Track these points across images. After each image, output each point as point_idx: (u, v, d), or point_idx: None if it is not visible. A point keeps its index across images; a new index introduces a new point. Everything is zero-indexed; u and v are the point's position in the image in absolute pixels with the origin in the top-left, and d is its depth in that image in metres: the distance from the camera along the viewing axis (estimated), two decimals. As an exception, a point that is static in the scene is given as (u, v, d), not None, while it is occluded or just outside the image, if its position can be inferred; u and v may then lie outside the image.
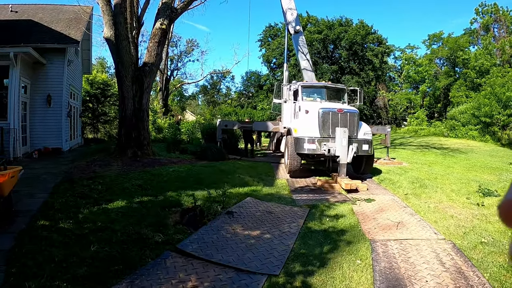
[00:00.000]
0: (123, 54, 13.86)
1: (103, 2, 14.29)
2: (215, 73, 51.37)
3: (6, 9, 20.09)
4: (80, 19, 19.39)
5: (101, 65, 43.91)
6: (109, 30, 14.23)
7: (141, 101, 14.53)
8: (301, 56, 19.50)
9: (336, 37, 47.31)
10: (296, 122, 13.70)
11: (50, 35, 17.80)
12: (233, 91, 64.60)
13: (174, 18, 15.68)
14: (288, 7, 19.72)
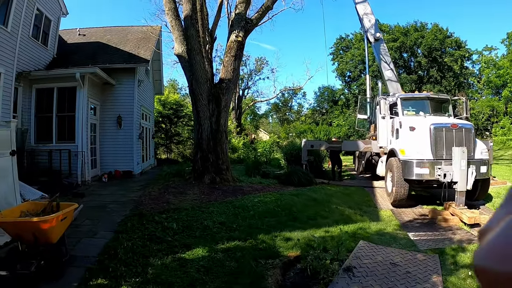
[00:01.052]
0: (197, 70, 12.58)
1: (172, 16, 13.27)
2: (286, 90, 50.09)
3: (74, 33, 20.21)
4: (149, 38, 18.81)
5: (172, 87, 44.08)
6: (180, 45, 13.14)
7: (218, 121, 13.14)
8: (384, 65, 17.30)
9: (413, 43, 44.40)
10: (400, 141, 11.58)
11: (118, 55, 17.40)
12: (305, 108, 62.64)
13: (250, 29, 14.24)
14: (364, 12, 17.79)
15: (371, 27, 17.67)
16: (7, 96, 11.97)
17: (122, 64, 16.50)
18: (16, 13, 12.30)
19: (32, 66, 14.74)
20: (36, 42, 15.12)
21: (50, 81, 14.49)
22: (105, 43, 18.77)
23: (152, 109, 22.56)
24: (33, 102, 14.48)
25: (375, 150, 15.03)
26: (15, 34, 12.31)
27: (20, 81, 13.82)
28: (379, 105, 13.33)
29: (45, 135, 14.38)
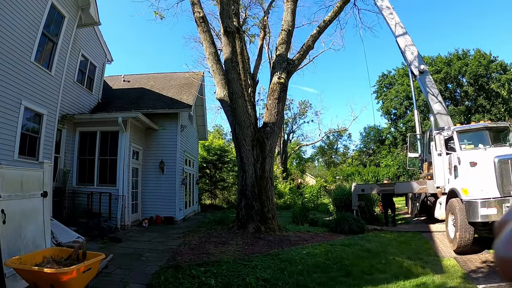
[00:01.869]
0: (240, 114, 12.19)
1: (213, 61, 13.15)
2: (331, 132, 49.31)
3: (119, 79, 20.87)
4: (191, 84, 18.95)
5: (217, 132, 44.37)
6: (222, 90, 12.92)
7: (263, 167, 12.58)
8: (432, 98, 16.28)
9: (458, 72, 42.68)
10: (461, 179, 10.46)
11: (161, 101, 17.56)
12: (351, 150, 61.43)
13: (292, 70, 13.89)
14: (405, 44, 17.06)
15: (414, 59, 16.90)
16: (49, 137, 12.11)
17: (165, 109, 16.59)
18: (60, 58, 12.60)
19: (76, 109, 15.06)
20: (80, 87, 15.52)
21: (93, 125, 14.81)
22: (148, 89, 19.12)
23: (196, 155, 22.45)
24: (76, 144, 14.80)
25: (431, 190, 13.86)
26: (58, 78, 12.57)
27: (64, 123, 14.15)
28: (433, 141, 12.38)
29: (86, 177, 14.57)
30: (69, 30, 13.14)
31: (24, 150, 10.83)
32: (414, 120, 27.05)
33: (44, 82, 11.78)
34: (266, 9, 17.56)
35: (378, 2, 17.77)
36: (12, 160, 10.00)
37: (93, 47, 16.62)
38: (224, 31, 12.15)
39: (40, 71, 11.52)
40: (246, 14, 18.33)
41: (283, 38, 13.60)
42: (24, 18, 10.56)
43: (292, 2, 13.75)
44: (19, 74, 10.44)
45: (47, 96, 11.97)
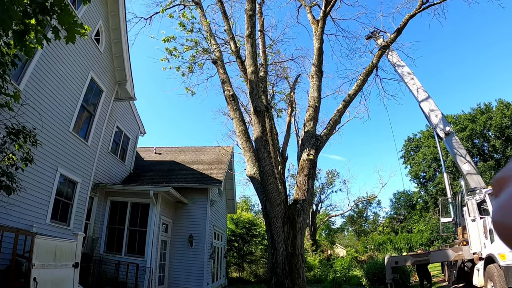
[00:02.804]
0: (270, 192, 12.17)
1: (243, 139, 13.37)
2: (360, 200, 48.63)
3: (151, 151, 21.48)
4: (221, 159, 19.23)
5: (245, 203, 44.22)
6: (252, 167, 12.99)
7: (294, 244, 12.31)
8: (460, 159, 16.03)
9: (483, 127, 42.02)
10: (497, 244, 10.01)
11: (191, 175, 17.89)
12: (381, 217, 59.92)
13: (320, 146, 13.95)
14: (429, 109, 17.23)
15: (439, 122, 16.89)
16: (82, 204, 12.45)
17: (195, 184, 16.87)
18: (97, 129, 13.19)
19: (109, 179, 15.47)
20: (114, 157, 16.03)
21: (125, 195, 15.16)
22: (179, 162, 19.51)
23: (224, 228, 22.36)
24: (107, 213, 15.14)
25: (467, 257, 13.34)
26: (94, 148, 13.09)
27: (96, 191, 14.57)
28: (466, 207, 12.03)
29: (115, 246, 14.74)
30: (106, 103, 13.84)
31: (56, 215, 11.13)
32: (444, 182, 26.61)
33: (80, 151, 12.35)
34: (292, 85, 18.00)
35: (399, 69, 18.12)
36: (44, 223, 10.25)
37: (127, 120, 17.31)
38: (254, 111, 12.45)
39: (77, 140, 12.10)
40: (273, 90, 18.82)
41: (310, 114, 13.81)
42: (66, 90, 11.27)
43: (318, 78, 14.08)
44: (57, 142, 11.01)
45: (82, 165, 12.48)
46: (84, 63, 12.33)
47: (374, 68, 14.77)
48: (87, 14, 12.29)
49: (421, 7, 13.27)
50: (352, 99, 14.56)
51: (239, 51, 15.48)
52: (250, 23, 12.61)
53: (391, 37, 14.07)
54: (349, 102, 14.55)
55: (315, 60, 13.98)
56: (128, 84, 15.04)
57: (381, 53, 14.31)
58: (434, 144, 42.77)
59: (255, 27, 13.07)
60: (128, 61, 15.02)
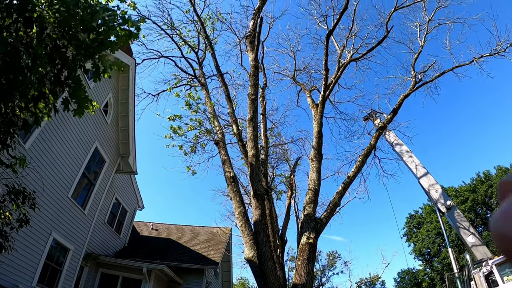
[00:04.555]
0: (269, 277, 11.93)
1: (242, 221, 13.34)
2: (363, 282, 47.35)
3: (148, 226, 21.38)
4: (219, 240, 19.09)
5: (242, 285, 42.98)
6: (250, 250, 12.85)
7: (296, 338, 11.94)
8: (464, 232, 15.94)
9: (484, 196, 42.23)
10: None
11: (187, 254, 17.71)
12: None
13: (320, 229, 13.90)
14: (429, 184, 17.33)
15: (440, 197, 16.98)
16: (71, 272, 12.19)
17: (191, 264, 16.63)
18: (95, 199, 13.20)
19: (102, 250, 15.22)
20: (110, 229, 15.91)
21: (117, 269, 14.85)
22: (175, 240, 19.31)
23: (219, 313, 21.68)
24: (96, 285, 14.69)
25: None
26: (91, 218, 13.04)
27: (88, 261, 14.30)
28: (474, 281, 11.75)
29: None
30: (107, 174, 13.97)
31: (44, 279, 10.91)
32: (449, 257, 26.05)
33: (76, 218, 12.33)
34: (292, 168, 18.24)
35: (397, 148, 18.44)
36: (29, 286, 10.01)
37: (126, 193, 17.35)
38: (254, 194, 12.55)
39: (74, 207, 12.11)
40: (273, 173, 19.07)
41: (310, 197, 13.88)
42: (70, 156, 11.45)
43: (317, 161, 14.29)
44: (54, 207, 11.01)
45: (77, 233, 12.40)
46: (90, 132, 12.63)
47: (372, 149, 15.05)
48: (99, 85, 12.79)
49: (414, 86, 13.83)
50: (351, 181, 14.70)
51: (241, 134, 15.87)
52: (252, 107, 13.01)
53: (387, 118, 14.48)
54: (349, 184, 14.67)
55: (314, 143, 14.27)
56: (131, 158, 15.29)
57: (378, 134, 14.65)
58: (436, 219, 42.58)
59: (257, 111, 13.48)
60: (133, 135, 15.37)
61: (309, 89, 16.47)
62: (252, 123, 13.08)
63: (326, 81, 13.74)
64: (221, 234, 19.09)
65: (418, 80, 13.91)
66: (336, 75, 14.47)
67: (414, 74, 14.15)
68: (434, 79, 14.01)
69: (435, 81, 14.27)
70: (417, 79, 13.87)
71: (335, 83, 14.73)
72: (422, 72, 14.45)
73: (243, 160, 16.83)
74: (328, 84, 14.04)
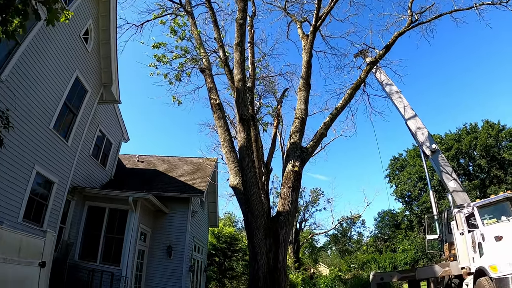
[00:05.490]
0: (253, 203, 11.85)
1: (227, 148, 13.10)
2: (344, 219, 48.48)
3: (134, 158, 21.20)
4: (205, 169, 18.99)
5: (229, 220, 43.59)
6: (235, 177, 12.70)
7: (276, 257, 11.94)
8: (446, 177, 15.95)
9: (468, 147, 42.76)
10: (487, 256, 9.85)
11: (173, 184, 17.59)
12: (365, 236, 59.97)
13: (306, 158, 13.71)
14: (416, 127, 17.21)
15: (426, 140, 16.86)
16: (57, 206, 11.99)
17: (177, 193, 16.52)
18: (78, 130, 12.87)
19: (88, 183, 15.11)
20: (95, 161, 15.70)
21: (103, 201, 14.73)
22: (161, 171, 19.20)
23: (205, 242, 21.96)
24: (84, 218, 14.62)
25: (455, 272, 13.08)
26: (74, 149, 12.76)
27: (74, 195, 14.15)
28: (454, 220, 11.83)
29: (90, 253, 14.19)
30: (90, 104, 13.54)
31: (30, 214, 10.59)
32: (429, 201, 26.23)
33: (59, 150, 11.93)
34: (279, 98, 17.93)
35: (387, 87, 18.13)
36: (15, 222, 9.72)
37: (111, 124, 16.99)
38: (240, 119, 12.22)
39: (57, 139, 11.71)
40: (260, 102, 18.74)
41: (296, 126, 13.60)
42: (49, 86, 10.94)
43: (305, 91, 13.93)
44: (35, 139, 10.58)
45: (61, 165, 12.05)
46: (70, 61, 11.98)
47: (362, 82, 14.69)
48: (78, 11, 12.00)
49: (410, 25, 13.37)
50: (339, 112, 14.42)
51: (227, 60, 15.34)
52: (240, 31, 12.45)
53: (379, 53, 14.06)
54: (336, 115, 14.40)
55: (303, 73, 13.85)
56: (114, 87, 14.76)
57: (369, 68, 14.26)
58: (419, 163, 43.24)
59: (244, 36, 12.93)
60: (116, 63, 14.74)
61: (300, 21, 15.84)
62: (239, 47, 12.56)
63: (318, 10, 13.18)
64: (207, 163, 19.05)
65: (414, 20, 13.47)
66: (329, 6, 13.86)
67: (411, 13, 13.70)
68: (430, 20, 13.57)
69: (431, 23, 13.85)
70: (413, 19, 13.43)
71: (327, 13, 14.15)
72: (419, 12, 13.94)
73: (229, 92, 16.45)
74: (320, 15, 13.50)
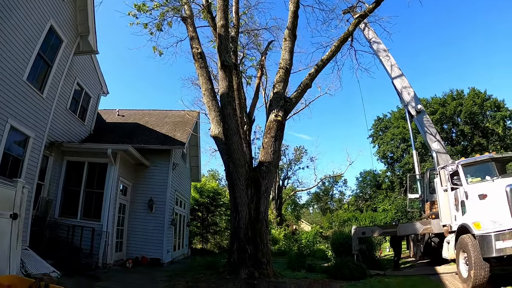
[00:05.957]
0: (234, 152, 11.61)
1: (209, 97, 12.78)
2: (327, 178, 48.74)
3: (114, 113, 20.66)
4: (186, 121, 18.62)
5: (213, 177, 43.46)
6: (217, 126, 12.45)
7: (258, 208, 11.87)
8: (430, 138, 15.97)
9: (453, 112, 42.84)
10: (471, 214, 9.81)
11: (154, 137, 17.19)
12: (347, 196, 60.65)
13: (289, 109, 13.48)
14: (402, 86, 17.08)
15: (411, 100, 16.76)
16: (34, 162, 11.50)
17: (157, 145, 16.19)
18: (54, 82, 12.24)
19: (66, 138, 14.60)
20: (73, 115, 15.14)
21: (82, 155, 14.27)
22: (142, 124, 18.70)
23: (188, 196, 21.83)
24: (63, 173, 14.17)
25: (436, 230, 13.20)
26: (50, 102, 12.16)
27: (52, 150, 13.63)
28: (438, 177, 11.80)
29: (70, 209, 13.79)
30: (65, 55, 12.86)
31: (5, 171, 10.10)
32: (411, 162, 26.07)
33: (34, 104, 11.33)
34: (264, 50, 17.48)
35: (374, 45, 17.81)
36: None
37: (89, 77, 16.32)
38: (221, 65, 11.82)
39: (31, 91, 11.07)
40: (244, 53, 18.29)
41: (280, 76, 13.26)
42: (21, 35, 10.22)
43: (291, 41, 13.53)
44: (8, 91, 9.96)
45: (36, 119, 11.49)
46: (44, 9, 11.19)
47: (349, 35, 14.34)
48: None
49: None
50: (325, 64, 14.09)
51: (210, 7, 14.82)
52: (224, -25, 11.96)
53: (369, 7, 13.67)
54: (322, 67, 14.08)
55: (289, 23, 13.43)
56: (91, 37, 14.05)
57: (357, 21, 13.90)
58: (403, 124, 43.27)
59: (228, -21, 12.36)
60: (92, 11, 13.99)
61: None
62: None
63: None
64: (188, 114, 18.74)
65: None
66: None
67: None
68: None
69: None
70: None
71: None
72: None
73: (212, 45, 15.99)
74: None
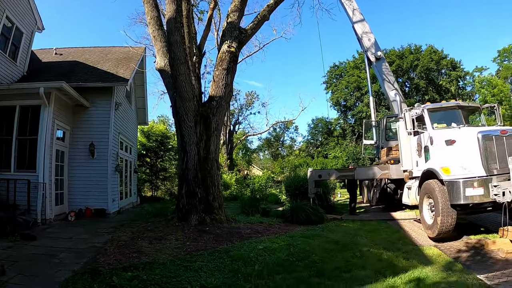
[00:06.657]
0: (181, 84, 10.35)
1: (154, 26, 11.32)
2: (278, 123, 48.33)
3: (51, 52, 18.40)
4: (131, 57, 16.88)
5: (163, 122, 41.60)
6: (163, 58, 11.10)
7: (208, 147, 10.83)
8: (388, 85, 15.75)
9: (409, 66, 43.68)
10: (437, 159, 9.48)
11: (94, 74, 15.30)
12: (298, 142, 60.90)
13: (244, 41, 12.27)
14: (363, 31, 16.61)
15: (372, 46, 16.35)
16: None
17: (97, 83, 14.42)
18: None
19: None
20: (2, 55, 13.06)
21: (12, 98, 12.28)
22: (81, 61, 16.71)
23: (135, 140, 20.39)
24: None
25: (395, 175, 13.11)
26: None
27: None
28: (403, 121, 11.25)
29: (3, 162, 11.92)
30: None
31: None
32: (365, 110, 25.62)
33: None
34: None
35: (337, -13, 16.99)
36: None
37: (21, 10, 14.11)
38: (168, -15, 10.27)
39: None
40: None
41: (236, 5, 11.97)
42: None
43: (248, -32, 12.05)
44: None
45: None
46: None
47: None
48: None
49: None
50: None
51: None
52: None
53: None
54: (282, 0, 12.79)
55: None
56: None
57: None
58: (358, 74, 43.10)
59: None
60: None
61: None
62: None
63: None
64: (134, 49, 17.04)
65: None
66: None
67: None
68: None
69: None
70: None
71: None
72: None
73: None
74: None
